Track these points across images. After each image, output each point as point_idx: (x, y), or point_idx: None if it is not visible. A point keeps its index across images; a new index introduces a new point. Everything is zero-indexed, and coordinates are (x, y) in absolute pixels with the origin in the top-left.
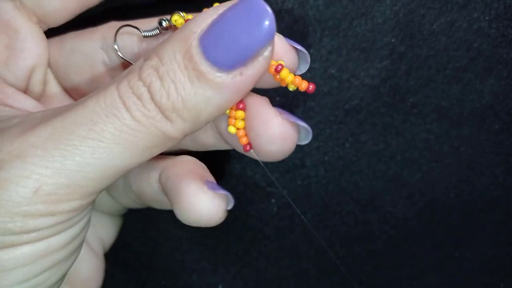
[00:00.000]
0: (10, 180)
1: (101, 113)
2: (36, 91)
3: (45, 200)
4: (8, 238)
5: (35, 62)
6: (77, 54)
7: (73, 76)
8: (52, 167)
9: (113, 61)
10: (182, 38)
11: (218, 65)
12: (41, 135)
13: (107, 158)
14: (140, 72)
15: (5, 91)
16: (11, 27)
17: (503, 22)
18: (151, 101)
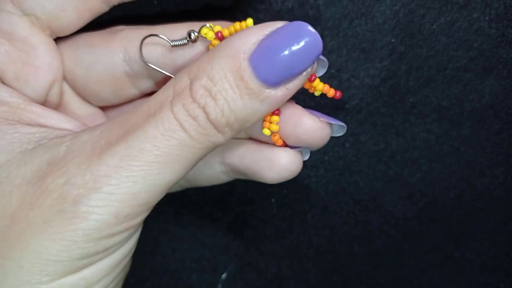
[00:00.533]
0: (92, 212)
1: (162, 138)
2: (54, 103)
3: (123, 221)
4: (92, 258)
5: (54, 77)
6: (97, 66)
7: (93, 86)
8: (127, 192)
9: (135, 71)
10: (230, 56)
11: (267, 82)
12: (110, 164)
13: (170, 175)
14: (193, 94)
15: (34, 110)
16: (29, 44)
17: (503, 22)
18: (207, 120)
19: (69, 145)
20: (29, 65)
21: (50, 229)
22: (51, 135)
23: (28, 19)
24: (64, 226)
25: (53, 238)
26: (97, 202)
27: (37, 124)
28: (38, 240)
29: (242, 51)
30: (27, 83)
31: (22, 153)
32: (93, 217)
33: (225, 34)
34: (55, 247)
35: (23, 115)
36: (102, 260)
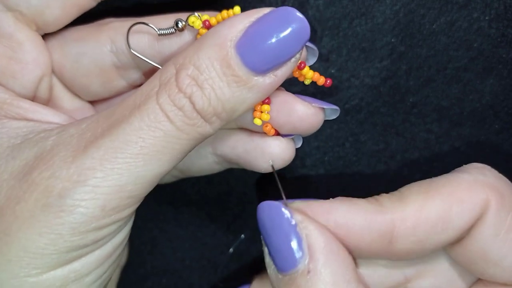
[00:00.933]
0: (77, 205)
1: (147, 129)
2: (44, 97)
3: (111, 213)
4: (81, 251)
5: (42, 72)
6: (84, 58)
7: (81, 79)
8: (113, 185)
9: (123, 62)
10: (217, 45)
11: (255, 69)
12: (95, 157)
13: (157, 167)
14: (179, 83)
15: (21, 105)
16: (15, 40)
17: (503, 22)
18: (193, 110)
19: (56, 139)
20: (16, 60)
21: (37, 223)
22: (38, 129)
23: (13, 15)
24: (50, 220)
25: (39, 232)
26: (83, 195)
27: (24, 119)
28: (24, 234)
29: (228, 39)
30: (15, 79)
31: (10, 148)
32: (79, 211)
33: (213, 22)
34: (42, 241)
35: (10, 110)
36: (92, 252)
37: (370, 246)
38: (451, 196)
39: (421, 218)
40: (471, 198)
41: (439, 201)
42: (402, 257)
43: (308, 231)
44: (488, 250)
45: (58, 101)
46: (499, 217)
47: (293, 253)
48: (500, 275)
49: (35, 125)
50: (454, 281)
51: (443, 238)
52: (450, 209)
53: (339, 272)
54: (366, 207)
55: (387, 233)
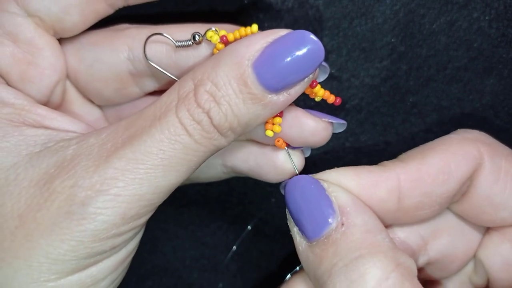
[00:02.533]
0: (99, 213)
1: (167, 142)
2: (57, 102)
3: (130, 221)
4: (99, 257)
5: (58, 77)
6: (100, 64)
7: (96, 84)
8: (133, 194)
9: (138, 70)
10: (235, 63)
11: (270, 88)
12: (117, 167)
13: (175, 178)
14: (197, 99)
15: (38, 112)
16: (34, 45)
17: (503, 22)
18: (211, 125)
19: (76, 148)
20: (34, 66)
21: (59, 230)
22: (56, 138)
23: (33, 21)
24: (72, 227)
25: (61, 239)
26: (105, 203)
27: (42, 126)
28: (46, 241)
29: (246, 58)
30: (32, 84)
31: (28, 155)
32: (100, 218)
33: (230, 38)
34: (63, 247)
35: (28, 117)
36: (108, 258)
37: (381, 207)
38: (446, 152)
39: (423, 172)
40: (465, 151)
41: (436, 157)
42: (414, 215)
43: (336, 193)
44: (493, 195)
45: (70, 105)
46: (494, 163)
47: (326, 214)
48: (510, 216)
49: (53, 133)
50: (467, 234)
51: (446, 189)
52: (448, 163)
53: (370, 221)
54: (370, 170)
55: (394, 189)
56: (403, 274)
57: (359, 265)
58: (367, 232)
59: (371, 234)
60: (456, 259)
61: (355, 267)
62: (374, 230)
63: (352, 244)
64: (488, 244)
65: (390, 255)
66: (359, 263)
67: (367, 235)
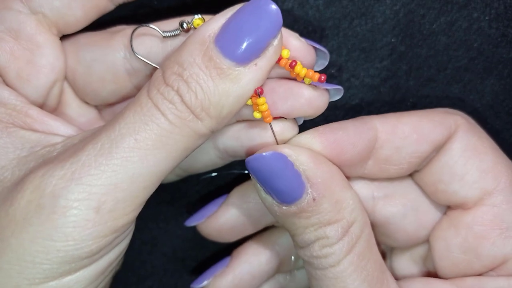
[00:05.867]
0: (70, 206)
1: (141, 122)
2: (53, 103)
3: (106, 219)
4: (75, 264)
5: (56, 77)
6: (98, 64)
7: (93, 84)
8: (108, 183)
9: (136, 69)
10: (198, 41)
11: (235, 60)
12: (90, 153)
13: (153, 165)
14: (165, 80)
15: (30, 114)
16: (34, 43)
17: (503, 22)
18: (182, 103)
19: (61, 149)
20: (33, 64)
21: (30, 226)
22: (43, 142)
23: (35, 17)
24: (42, 223)
25: (32, 237)
26: (76, 194)
27: (31, 129)
28: (16, 240)
29: (207, 35)
30: (29, 82)
31: (16, 160)
32: (72, 212)
33: None
34: (34, 247)
35: (18, 118)
36: (86, 268)
37: (352, 159)
38: (424, 116)
39: (398, 128)
40: (442, 119)
41: (414, 118)
42: (380, 168)
43: (305, 166)
44: (453, 165)
45: (66, 107)
46: (466, 137)
47: (295, 188)
48: (462, 190)
49: (41, 136)
50: (423, 212)
51: (417, 149)
52: (423, 124)
53: (338, 191)
54: (352, 122)
55: (372, 137)
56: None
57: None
58: (336, 202)
59: (339, 204)
60: (402, 231)
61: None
62: (343, 200)
63: (322, 214)
64: (437, 227)
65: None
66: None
67: (336, 205)
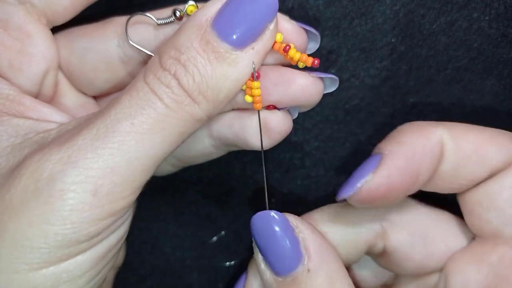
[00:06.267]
0: (67, 189)
1: (137, 106)
2: (48, 93)
3: (104, 202)
4: (74, 248)
5: (48, 66)
6: (92, 53)
7: (88, 74)
8: (105, 166)
9: (129, 57)
10: (195, 25)
11: (233, 44)
12: (87, 137)
13: (150, 149)
14: (162, 64)
15: (22, 102)
16: (23, 32)
17: (503, 22)
18: (179, 86)
19: (55, 134)
20: (24, 53)
21: (27, 211)
22: (37, 128)
23: (24, 7)
24: (40, 207)
25: (29, 221)
26: (73, 178)
27: (24, 117)
28: (14, 224)
29: (204, 19)
30: (21, 71)
31: (10, 147)
32: (69, 196)
33: None
34: (32, 232)
35: (11, 107)
36: (85, 252)
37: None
38: (489, 136)
39: (462, 144)
40: (508, 145)
41: (478, 136)
42: (434, 182)
43: (304, 235)
44: (501, 194)
45: (62, 97)
46: None
47: (292, 256)
48: (499, 222)
49: (35, 123)
50: (431, 243)
51: (475, 171)
52: (488, 147)
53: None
54: (418, 139)
55: (438, 155)
56: None
57: None
58: (330, 280)
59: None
60: (410, 261)
61: None
62: (337, 278)
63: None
64: (457, 260)
65: None
66: None
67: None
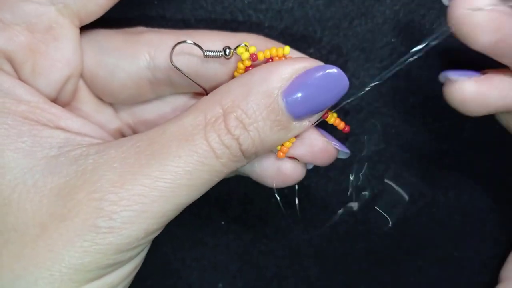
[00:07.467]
0: (124, 228)
1: (196, 163)
2: (66, 99)
3: (149, 237)
4: (117, 265)
5: (71, 73)
6: (120, 71)
7: (113, 89)
8: (158, 211)
9: (158, 78)
10: (265, 92)
11: (296, 117)
12: (145, 184)
13: (196, 196)
14: (227, 125)
15: (53, 111)
16: (51, 34)
17: None
18: (239, 150)
19: (96, 158)
20: (47, 57)
21: (83, 242)
22: (73, 142)
23: (55, 8)
24: (97, 240)
25: (85, 251)
26: (131, 219)
27: (56, 127)
28: (69, 252)
29: (276, 88)
30: (41, 76)
31: (44, 159)
32: (125, 233)
33: (260, 57)
34: (86, 259)
35: (42, 116)
36: (124, 266)
37: None
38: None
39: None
40: None
41: None
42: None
43: None
44: None
45: (80, 104)
46: None
47: None
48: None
49: (69, 136)
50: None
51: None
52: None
53: None
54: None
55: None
56: None
57: None
58: None
59: None
60: None
61: None
62: None
63: None
64: None
65: None
66: None
67: None
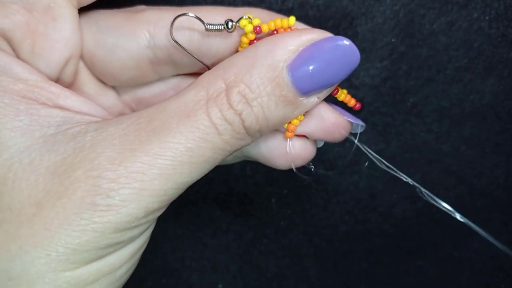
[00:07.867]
0: (122, 206)
1: (198, 140)
2: (67, 81)
3: (150, 216)
4: (117, 246)
5: (70, 54)
6: (120, 51)
7: (113, 69)
8: (158, 189)
9: (158, 57)
10: (270, 65)
11: (303, 93)
12: (144, 162)
13: (199, 174)
14: (230, 100)
15: (52, 90)
16: (50, 15)
17: (503, 22)
18: (242, 126)
19: (95, 135)
20: (46, 37)
21: (81, 220)
22: (71, 121)
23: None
24: (95, 218)
25: (83, 229)
26: (129, 196)
27: (55, 106)
28: (66, 231)
29: (282, 60)
30: (41, 56)
31: (42, 138)
32: (124, 211)
33: (264, 30)
34: (84, 238)
35: (41, 94)
36: (126, 247)
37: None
38: None
39: None
40: None
41: None
42: None
43: None
44: None
45: (82, 86)
46: None
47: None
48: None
49: (69, 115)
50: None
51: None
52: None
53: None
54: None
55: None
56: None
57: None
58: None
59: None
60: None
61: None
62: None
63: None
64: None
65: None
66: None
67: None
